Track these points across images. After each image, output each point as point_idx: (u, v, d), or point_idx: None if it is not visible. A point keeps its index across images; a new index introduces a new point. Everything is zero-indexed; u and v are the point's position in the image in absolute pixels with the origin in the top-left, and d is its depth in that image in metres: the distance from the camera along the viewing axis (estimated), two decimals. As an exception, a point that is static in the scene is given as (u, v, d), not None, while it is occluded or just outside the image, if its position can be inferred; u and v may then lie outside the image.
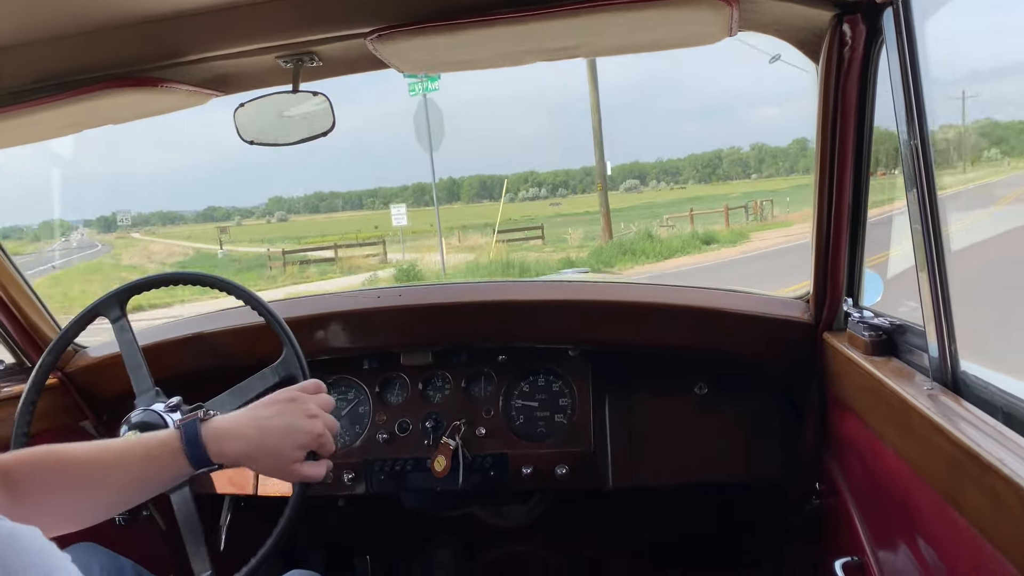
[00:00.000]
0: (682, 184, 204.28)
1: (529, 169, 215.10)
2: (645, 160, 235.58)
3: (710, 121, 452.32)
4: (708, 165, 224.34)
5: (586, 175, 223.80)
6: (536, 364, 2.37)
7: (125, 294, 1.91)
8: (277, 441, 1.40)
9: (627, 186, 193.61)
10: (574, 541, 2.91)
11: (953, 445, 1.14)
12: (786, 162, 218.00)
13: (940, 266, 1.34)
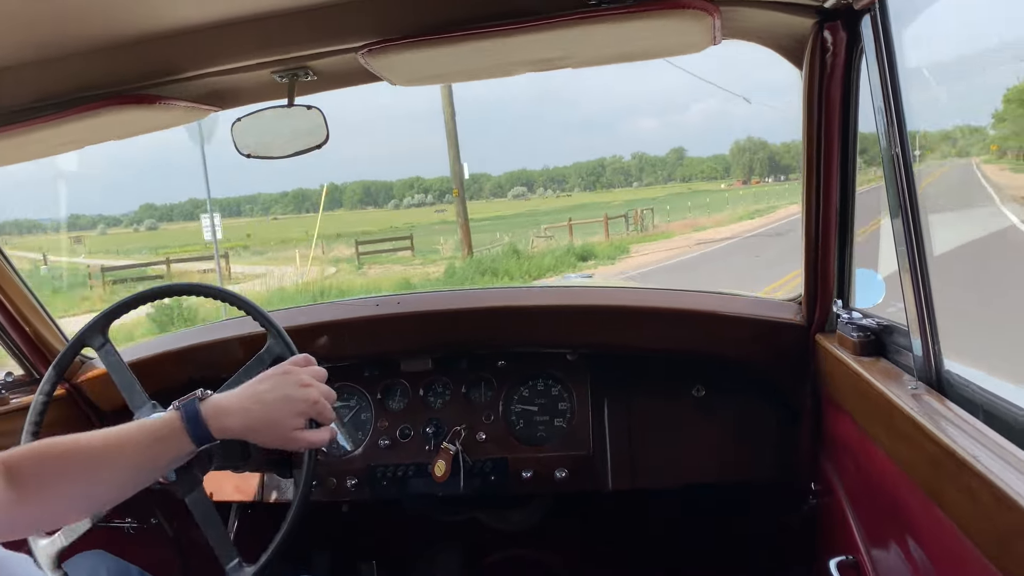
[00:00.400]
0: (568, 192, 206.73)
1: (415, 175, 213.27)
2: (532, 168, 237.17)
3: (595, 132, 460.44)
4: (592, 173, 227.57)
5: (473, 182, 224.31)
6: (535, 369, 2.39)
7: (104, 321, 1.94)
8: (276, 411, 1.45)
9: (515, 193, 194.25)
10: (575, 544, 2.94)
11: (933, 443, 1.16)
12: (664, 170, 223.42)
13: (923, 268, 1.37)
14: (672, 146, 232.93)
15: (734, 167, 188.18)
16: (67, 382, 2.38)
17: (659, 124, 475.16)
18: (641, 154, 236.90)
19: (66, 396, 2.37)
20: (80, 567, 1.82)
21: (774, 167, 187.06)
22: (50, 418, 1.93)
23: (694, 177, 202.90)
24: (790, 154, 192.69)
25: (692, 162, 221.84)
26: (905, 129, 1.36)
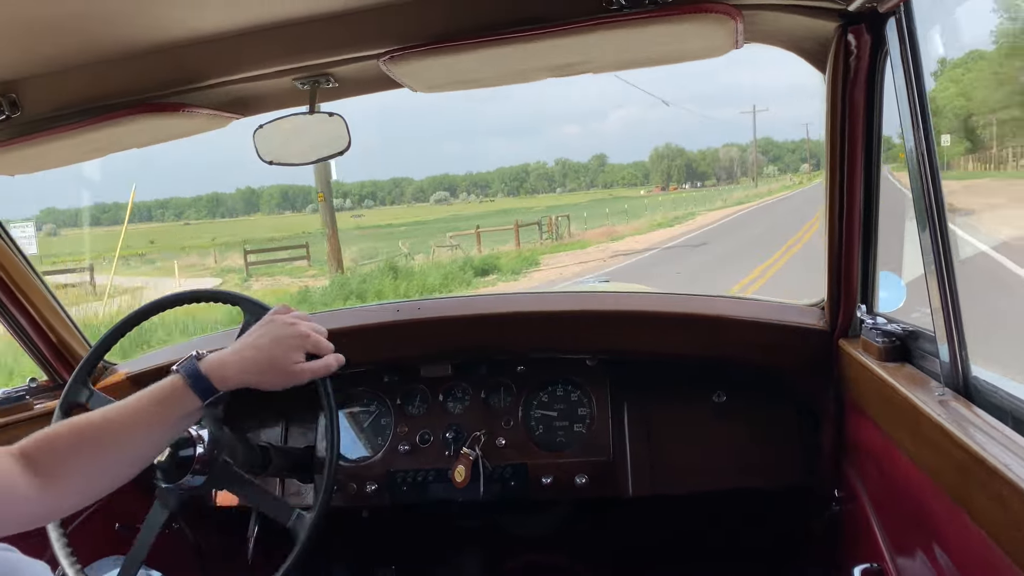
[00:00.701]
0: (491, 197, 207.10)
1: (335, 179, 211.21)
2: (455, 173, 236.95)
3: (521, 138, 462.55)
4: (516, 179, 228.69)
5: (395, 186, 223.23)
6: (554, 374, 2.39)
7: (84, 373, 1.97)
8: (271, 351, 1.51)
9: (437, 198, 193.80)
10: (594, 550, 2.92)
11: (961, 450, 1.15)
12: (587, 176, 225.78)
13: (949, 273, 1.35)
14: (594, 152, 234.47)
15: (653, 174, 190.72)
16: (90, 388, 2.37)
17: (582, 131, 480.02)
18: (564, 160, 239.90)
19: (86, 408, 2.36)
20: (100, 572, 1.86)
21: (691, 174, 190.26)
22: None
23: (615, 183, 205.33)
24: (706, 161, 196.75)
25: (613, 168, 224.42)
26: (931, 132, 1.35)
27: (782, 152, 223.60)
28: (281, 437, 2.52)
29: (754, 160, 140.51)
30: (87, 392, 1.95)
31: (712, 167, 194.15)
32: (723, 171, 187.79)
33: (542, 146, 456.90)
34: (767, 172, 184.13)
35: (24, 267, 2.25)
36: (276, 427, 2.53)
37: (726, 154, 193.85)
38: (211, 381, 1.44)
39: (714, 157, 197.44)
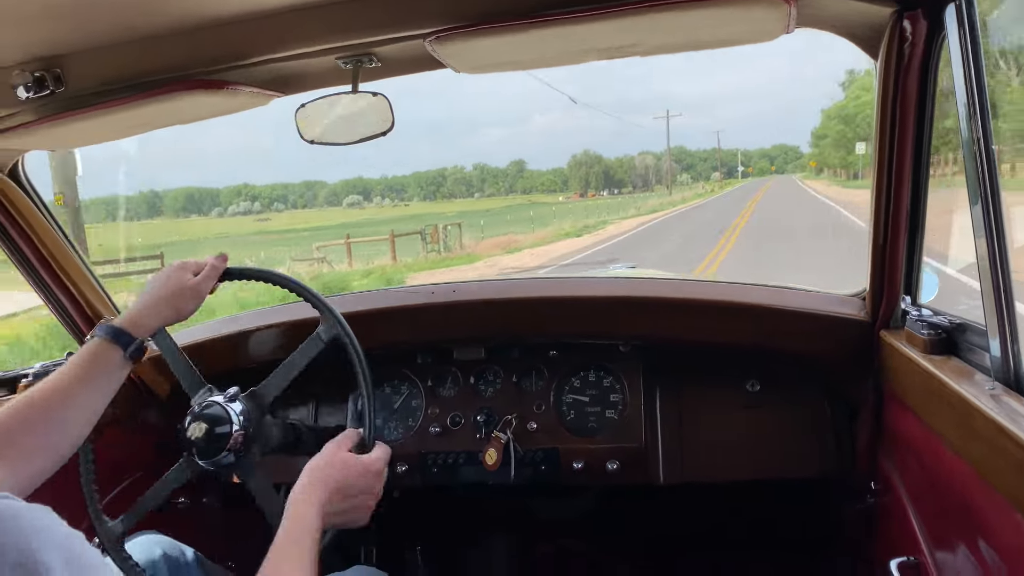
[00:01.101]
0: (407, 201, 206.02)
1: (243, 182, 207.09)
2: (370, 176, 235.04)
3: (442, 141, 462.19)
4: (432, 183, 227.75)
5: (307, 189, 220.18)
6: (587, 359, 2.38)
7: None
8: (166, 285, 1.71)
9: (350, 201, 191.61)
10: (625, 534, 2.92)
11: (1018, 447, 1.13)
12: (505, 182, 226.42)
13: (1004, 265, 1.32)
14: (513, 158, 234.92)
15: (571, 180, 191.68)
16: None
17: (504, 134, 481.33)
18: (482, 165, 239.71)
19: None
20: (137, 547, 1.86)
21: (609, 181, 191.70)
22: None
23: (534, 189, 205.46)
24: (623, 168, 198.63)
25: (532, 175, 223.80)
26: (989, 123, 1.32)
27: (695, 160, 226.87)
28: (311, 415, 2.54)
29: (668, 168, 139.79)
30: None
31: (629, 174, 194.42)
32: (639, 178, 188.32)
33: (463, 150, 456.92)
34: (681, 180, 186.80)
35: (63, 242, 2.27)
36: (307, 405, 2.55)
37: (642, 162, 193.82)
38: (127, 330, 1.60)
39: (630, 164, 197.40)
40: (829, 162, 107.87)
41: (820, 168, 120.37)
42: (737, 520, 2.77)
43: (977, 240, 1.37)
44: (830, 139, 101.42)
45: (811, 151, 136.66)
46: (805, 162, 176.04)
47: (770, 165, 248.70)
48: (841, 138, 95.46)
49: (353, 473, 1.59)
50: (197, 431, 1.74)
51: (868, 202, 1.85)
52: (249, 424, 1.79)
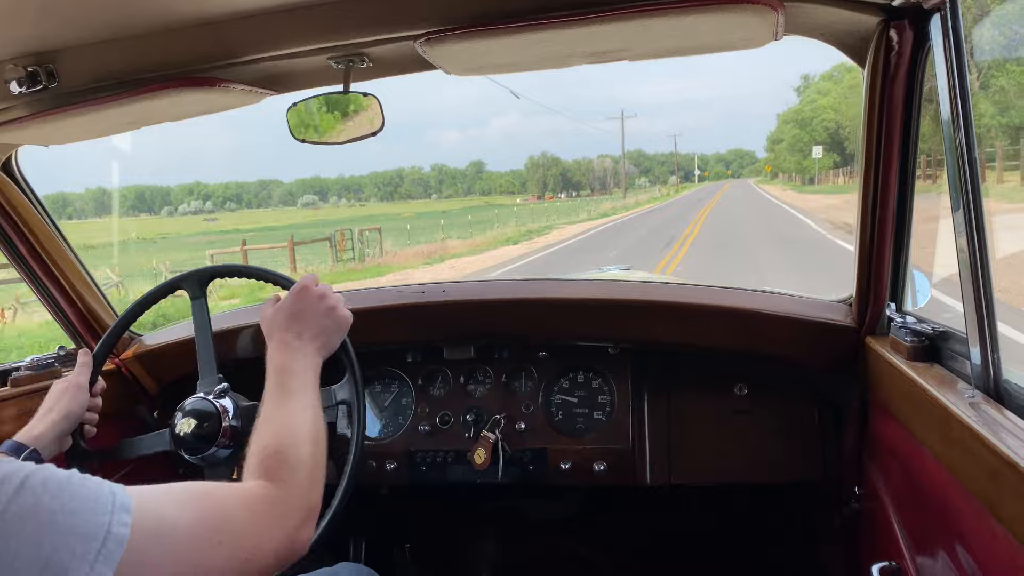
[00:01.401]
0: (363, 201, 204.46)
1: (195, 180, 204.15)
2: (326, 176, 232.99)
3: (397, 142, 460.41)
4: (389, 183, 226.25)
5: (262, 188, 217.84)
6: (576, 361, 2.40)
7: (207, 275, 1.97)
8: (53, 399, 1.81)
9: (304, 201, 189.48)
10: (610, 536, 2.94)
11: (993, 454, 1.14)
12: (464, 183, 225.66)
13: (984, 273, 1.33)
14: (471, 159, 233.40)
15: (529, 182, 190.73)
16: (116, 356, 2.46)
17: (463, 137, 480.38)
18: (441, 166, 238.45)
19: (115, 370, 2.45)
20: None
21: (567, 183, 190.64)
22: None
23: (493, 191, 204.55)
24: (581, 171, 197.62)
25: (491, 176, 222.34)
26: (972, 132, 1.33)
27: (653, 164, 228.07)
28: None
29: (624, 171, 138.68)
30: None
31: (587, 177, 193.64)
32: (597, 181, 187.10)
33: (420, 151, 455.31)
34: (639, 183, 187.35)
35: (57, 237, 2.30)
36: None
37: (600, 164, 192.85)
38: (25, 444, 1.66)
39: (588, 167, 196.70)
40: (784, 167, 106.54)
41: (775, 172, 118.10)
42: (722, 523, 2.78)
43: (959, 249, 1.38)
44: (785, 143, 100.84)
45: (766, 156, 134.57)
46: (760, 166, 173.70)
47: (726, 169, 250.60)
48: (796, 142, 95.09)
49: (296, 301, 1.62)
50: (185, 426, 1.76)
51: (824, 207, 1.85)
52: (240, 418, 1.80)
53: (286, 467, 1.22)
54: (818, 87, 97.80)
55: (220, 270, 2.01)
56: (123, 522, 0.91)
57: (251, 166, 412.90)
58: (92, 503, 0.91)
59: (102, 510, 0.91)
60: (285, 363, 1.48)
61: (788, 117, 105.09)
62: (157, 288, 1.99)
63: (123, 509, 0.93)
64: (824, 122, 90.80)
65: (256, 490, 1.16)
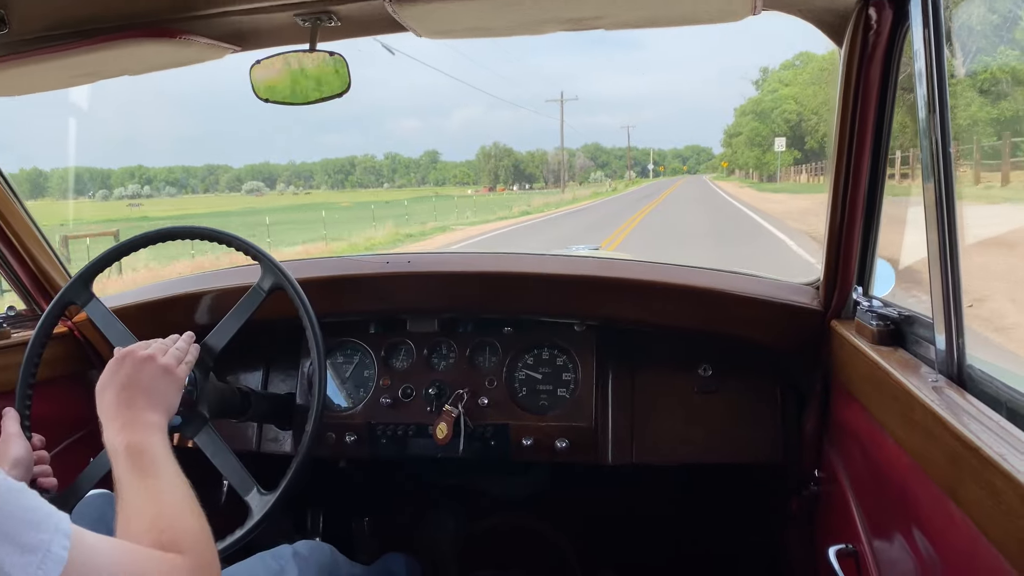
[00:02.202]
0: (312, 189, 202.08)
1: (138, 163, 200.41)
2: (276, 162, 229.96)
3: (353, 130, 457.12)
4: (341, 171, 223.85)
5: (210, 173, 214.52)
6: (542, 337, 2.37)
7: (88, 275, 1.96)
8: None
9: (248, 187, 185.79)
10: (570, 514, 2.94)
11: (954, 438, 1.13)
12: (418, 173, 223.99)
13: (953, 259, 1.33)
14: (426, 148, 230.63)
15: (480, 173, 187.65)
16: (69, 319, 2.40)
17: (423, 125, 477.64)
18: (395, 155, 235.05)
19: (67, 334, 2.40)
20: (88, 506, 1.81)
21: (519, 175, 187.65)
22: (50, 354, 1.97)
23: (447, 181, 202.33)
24: (534, 162, 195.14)
25: (446, 166, 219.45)
26: (948, 115, 1.32)
27: (610, 158, 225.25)
28: (262, 382, 2.51)
29: (564, 162, 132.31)
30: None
31: (540, 169, 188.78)
32: (552, 174, 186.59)
33: (378, 139, 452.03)
34: (594, 177, 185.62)
35: (9, 195, 2.23)
36: (257, 372, 2.52)
37: (555, 156, 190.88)
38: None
39: (542, 159, 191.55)
40: (741, 162, 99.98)
41: (731, 169, 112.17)
42: (682, 503, 2.80)
43: (929, 232, 1.37)
44: (743, 137, 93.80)
45: (723, 151, 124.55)
46: (717, 163, 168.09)
47: (683, 165, 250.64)
48: (755, 136, 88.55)
49: (120, 374, 1.51)
50: None
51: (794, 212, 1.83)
52: (194, 384, 1.76)
53: (183, 538, 1.18)
54: (779, 76, 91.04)
55: (98, 263, 1.97)
56: (63, 544, 0.94)
57: (200, 151, 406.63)
58: (36, 520, 0.93)
59: (45, 528, 0.93)
60: (133, 443, 1.36)
61: (747, 108, 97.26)
62: (54, 302, 1.96)
63: (63, 534, 0.95)
64: (785, 113, 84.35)
65: (171, 559, 1.13)
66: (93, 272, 1.96)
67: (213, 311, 2.33)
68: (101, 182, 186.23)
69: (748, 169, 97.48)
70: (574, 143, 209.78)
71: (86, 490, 1.78)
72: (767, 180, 78.98)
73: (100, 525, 1.75)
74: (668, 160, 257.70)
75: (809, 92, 74.56)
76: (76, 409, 2.36)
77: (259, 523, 1.71)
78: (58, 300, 1.95)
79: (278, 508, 1.72)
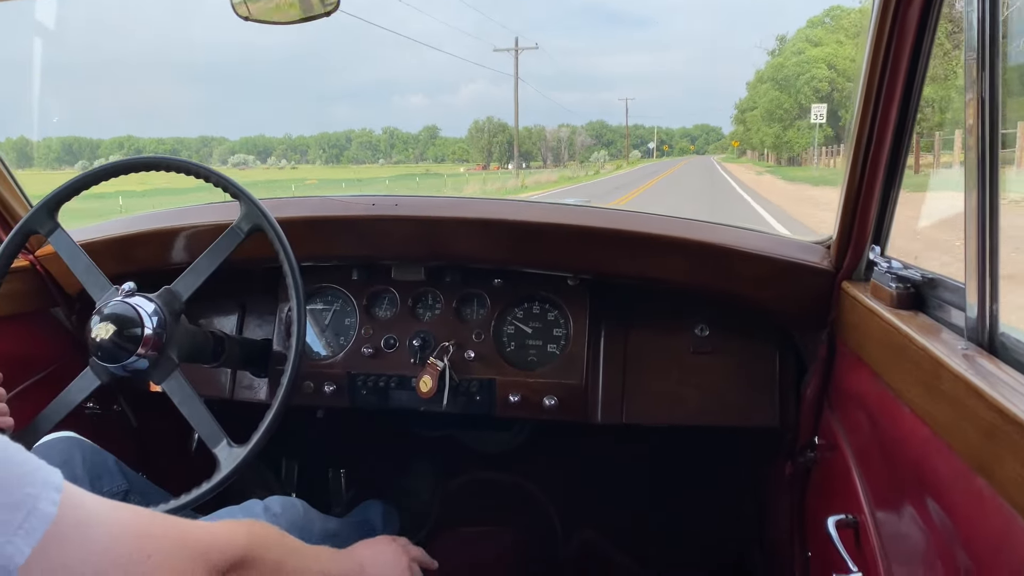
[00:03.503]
0: (310, 162, 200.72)
1: (127, 134, 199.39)
2: (272, 135, 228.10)
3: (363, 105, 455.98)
4: (335, 146, 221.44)
5: (204, 145, 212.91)
6: (532, 290, 2.29)
7: (53, 203, 1.84)
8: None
9: (235, 161, 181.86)
10: (553, 471, 2.90)
11: (991, 410, 1.05)
12: (416, 148, 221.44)
13: (993, 219, 1.24)
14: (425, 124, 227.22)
15: (472, 150, 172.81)
16: (31, 253, 2.27)
17: (430, 103, 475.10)
18: (393, 129, 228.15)
19: (29, 268, 2.27)
20: (53, 449, 1.76)
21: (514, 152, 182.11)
22: (10, 289, 1.90)
23: (446, 158, 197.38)
24: (532, 139, 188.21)
25: (445, 142, 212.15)
26: (998, 65, 1.21)
27: (615, 137, 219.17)
28: (237, 327, 2.41)
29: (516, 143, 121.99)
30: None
31: (538, 146, 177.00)
32: (550, 151, 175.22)
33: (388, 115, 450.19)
34: (596, 157, 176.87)
35: None
36: (232, 316, 2.42)
37: (554, 134, 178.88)
38: None
39: (540, 135, 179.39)
40: (756, 141, 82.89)
41: (743, 149, 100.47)
42: (673, 465, 2.74)
43: (968, 192, 1.27)
44: (760, 110, 74.93)
45: (734, 129, 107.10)
46: (727, 142, 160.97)
47: (691, 145, 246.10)
48: (775, 108, 70.59)
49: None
50: (103, 331, 1.62)
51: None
52: (163, 326, 1.68)
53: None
54: (806, 35, 72.59)
55: (65, 190, 1.86)
56: (52, 500, 0.85)
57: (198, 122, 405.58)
58: (22, 474, 0.85)
59: (31, 482, 0.85)
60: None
61: (764, 75, 77.85)
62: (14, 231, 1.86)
63: (54, 488, 0.86)
64: (814, 81, 66.71)
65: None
66: (59, 200, 1.85)
67: (186, 250, 2.21)
68: (91, 152, 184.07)
69: (763, 149, 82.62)
70: (579, 120, 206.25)
71: (46, 430, 1.72)
72: (788, 163, 66.51)
73: (65, 469, 1.69)
74: (676, 139, 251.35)
75: (845, 53, 62.31)
76: (37, 348, 2.28)
77: (227, 478, 1.65)
78: (19, 228, 1.84)
79: (248, 462, 1.65)
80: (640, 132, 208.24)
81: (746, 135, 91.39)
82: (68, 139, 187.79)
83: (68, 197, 1.86)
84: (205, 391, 2.30)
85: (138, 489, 1.86)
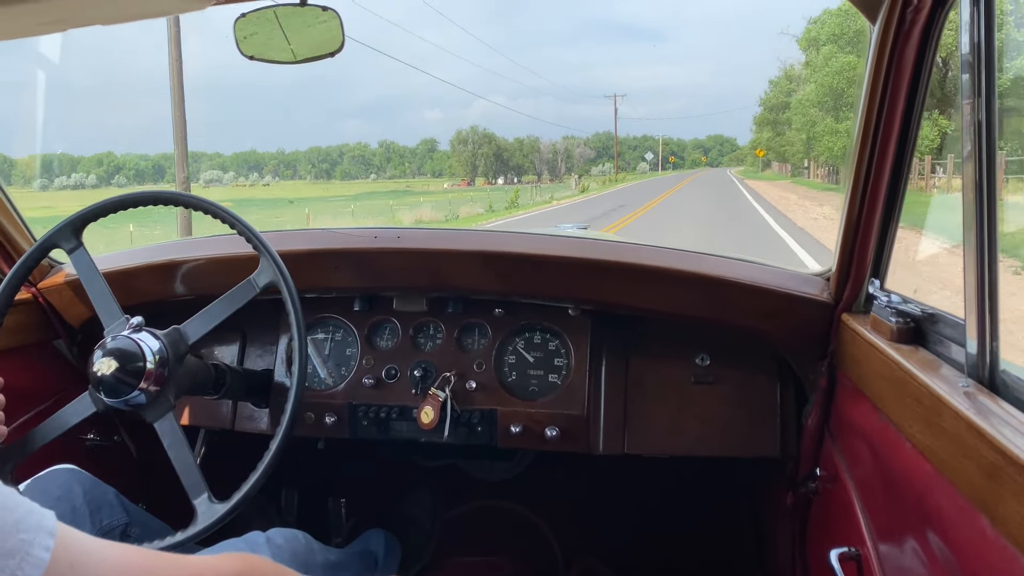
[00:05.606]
0: (301, 178, 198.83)
1: (107, 150, 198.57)
2: (264, 150, 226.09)
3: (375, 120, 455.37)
4: (326, 160, 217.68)
5: (192, 161, 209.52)
6: (534, 320, 2.29)
7: (79, 222, 1.84)
8: None
9: (207, 178, 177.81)
10: (554, 500, 2.89)
11: (992, 450, 1.05)
12: (414, 162, 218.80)
13: (991, 256, 1.24)
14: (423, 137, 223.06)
15: (455, 163, 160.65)
16: (33, 286, 2.28)
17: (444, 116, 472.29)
18: (390, 143, 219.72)
19: (31, 301, 2.28)
20: (53, 483, 1.76)
21: (502, 166, 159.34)
22: (12, 322, 1.89)
23: (444, 172, 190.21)
24: (522, 151, 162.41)
25: (442, 156, 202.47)
26: (995, 99, 1.22)
27: (623, 148, 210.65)
28: (238, 357, 2.40)
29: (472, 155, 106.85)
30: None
31: (530, 159, 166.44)
32: (545, 165, 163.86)
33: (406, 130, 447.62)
34: (599, 170, 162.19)
35: None
36: (233, 345, 2.42)
37: (549, 145, 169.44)
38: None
39: (534, 147, 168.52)
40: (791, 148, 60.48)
41: (768, 161, 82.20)
42: (674, 495, 2.74)
43: (966, 229, 1.27)
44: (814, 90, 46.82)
45: (755, 136, 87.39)
46: (742, 154, 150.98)
47: (703, 156, 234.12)
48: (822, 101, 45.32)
49: None
50: (105, 367, 1.62)
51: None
52: (165, 363, 1.68)
53: None
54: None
55: (94, 210, 1.84)
56: (45, 546, 0.84)
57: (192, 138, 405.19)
58: (16, 520, 0.84)
59: (25, 528, 0.84)
60: None
61: (822, 36, 45.89)
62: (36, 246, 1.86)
63: (47, 532, 0.85)
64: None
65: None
66: (85, 220, 1.84)
67: (191, 283, 2.23)
68: (71, 169, 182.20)
69: (805, 159, 61.32)
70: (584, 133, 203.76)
71: (35, 447, 1.72)
72: (828, 179, 51.19)
73: (64, 502, 1.71)
74: (689, 151, 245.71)
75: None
76: (38, 380, 2.27)
77: (200, 533, 1.64)
78: (41, 244, 1.85)
79: (225, 520, 1.64)
80: (649, 143, 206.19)
81: (775, 141, 72.47)
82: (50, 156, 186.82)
83: (94, 218, 1.86)
84: (207, 422, 2.33)
85: (138, 522, 1.86)
